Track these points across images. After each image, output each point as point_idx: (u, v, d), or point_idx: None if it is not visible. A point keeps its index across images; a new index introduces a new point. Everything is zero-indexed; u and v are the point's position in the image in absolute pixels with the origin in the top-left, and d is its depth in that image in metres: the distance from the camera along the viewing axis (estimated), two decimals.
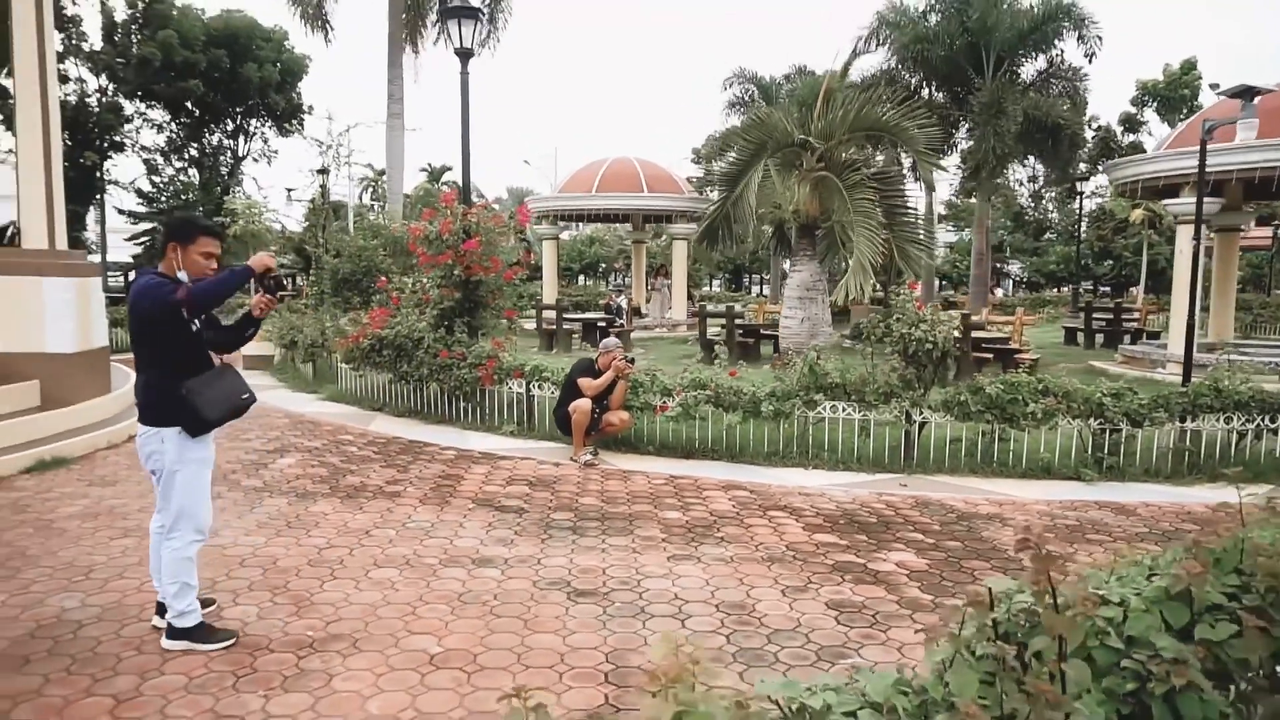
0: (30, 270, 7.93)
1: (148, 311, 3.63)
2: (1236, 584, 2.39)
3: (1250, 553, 2.43)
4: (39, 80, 7.92)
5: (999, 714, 1.85)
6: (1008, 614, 2.20)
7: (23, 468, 6.79)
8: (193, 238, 3.72)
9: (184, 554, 3.75)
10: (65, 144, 27.01)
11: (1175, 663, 2.05)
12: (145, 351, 3.75)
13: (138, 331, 3.72)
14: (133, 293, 3.70)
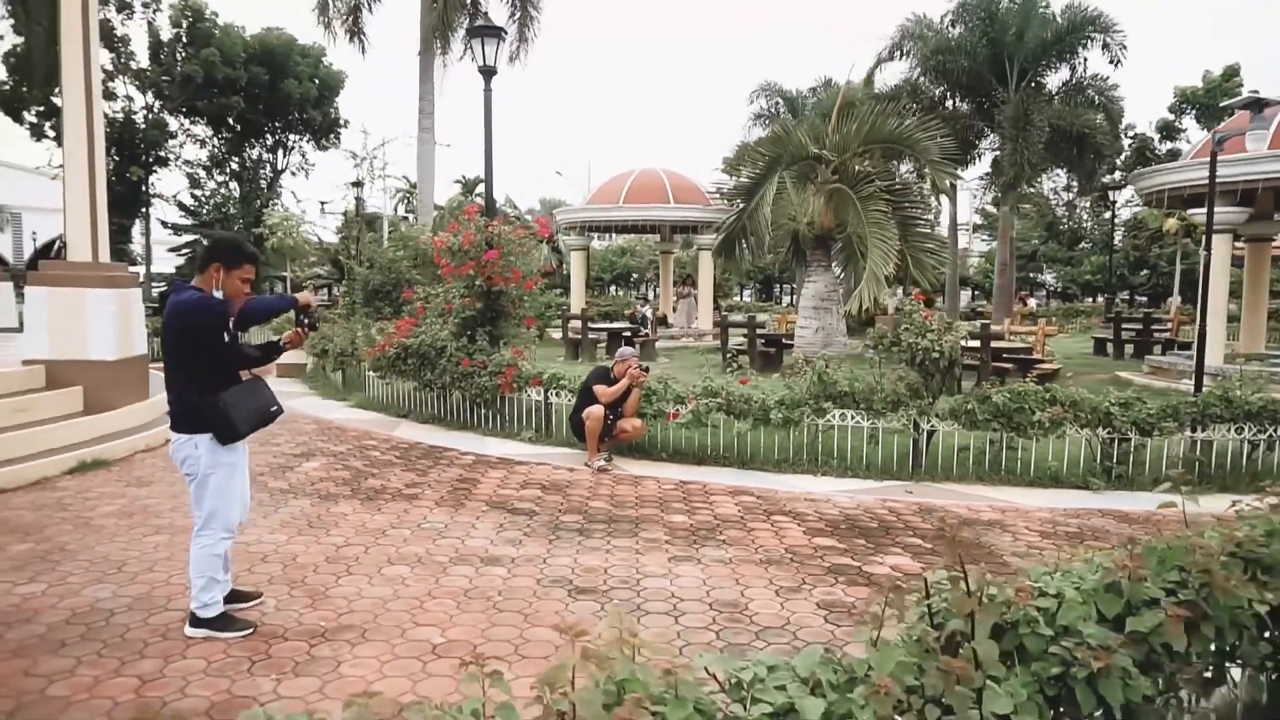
0: (75, 282, 8.35)
1: (194, 323, 3.82)
2: (1176, 580, 2.53)
3: (1190, 551, 2.57)
4: (85, 104, 8.36)
5: (919, 691, 2.01)
6: (944, 601, 2.37)
7: (66, 469, 7.15)
8: (238, 263, 3.95)
9: (213, 550, 4.00)
10: (113, 160, 28.18)
11: (1099, 649, 2.19)
12: (180, 362, 3.93)
13: (176, 343, 3.89)
14: (174, 305, 3.86)
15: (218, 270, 3.90)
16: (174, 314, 3.85)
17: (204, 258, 4.02)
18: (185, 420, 3.95)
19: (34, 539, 5.42)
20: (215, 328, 3.86)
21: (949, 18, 19.35)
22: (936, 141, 9.34)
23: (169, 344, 3.93)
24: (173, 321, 3.86)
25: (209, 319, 3.83)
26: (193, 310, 3.81)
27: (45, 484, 6.80)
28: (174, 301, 3.89)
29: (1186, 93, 33.46)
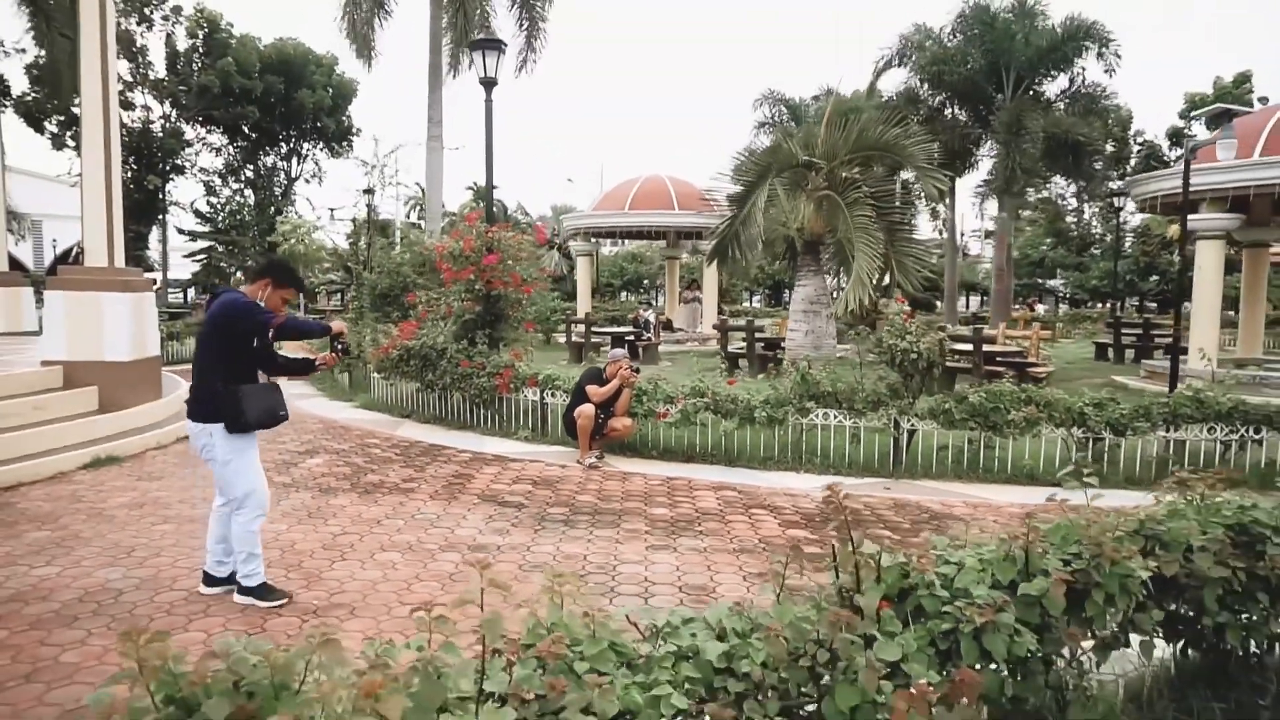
0: (91, 286, 8.72)
1: (239, 323, 4.26)
2: (1074, 552, 2.80)
3: (1087, 527, 2.85)
4: (102, 115, 8.74)
5: (815, 639, 2.28)
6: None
7: (81, 464, 7.50)
8: (286, 285, 4.49)
9: (249, 528, 4.40)
10: (130, 168, 28.78)
11: (985, 607, 2.46)
12: (215, 353, 4.31)
13: (215, 339, 4.30)
14: (225, 303, 4.30)
15: (266, 285, 4.41)
16: (223, 310, 4.28)
17: (258, 271, 4.55)
18: (201, 408, 4.33)
19: (50, 527, 5.76)
20: (255, 331, 4.32)
21: (948, 28, 19.63)
22: (924, 148, 9.59)
23: (209, 335, 4.33)
24: (219, 316, 4.28)
25: (252, 323, 4.29)
26: (241, 311, 4.27)
27: (62, 478, 7.15)
28: (225, 300, 4.33)
29: (1196, 99, 33.47)
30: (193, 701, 1.60)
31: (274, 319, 4.34)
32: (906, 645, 2.39)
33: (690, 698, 2.03)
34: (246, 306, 4.29)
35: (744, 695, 2.11)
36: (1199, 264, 12.96)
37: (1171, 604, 3.17)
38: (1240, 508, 3.26)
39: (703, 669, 2.11)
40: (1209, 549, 2.97)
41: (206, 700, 1.56)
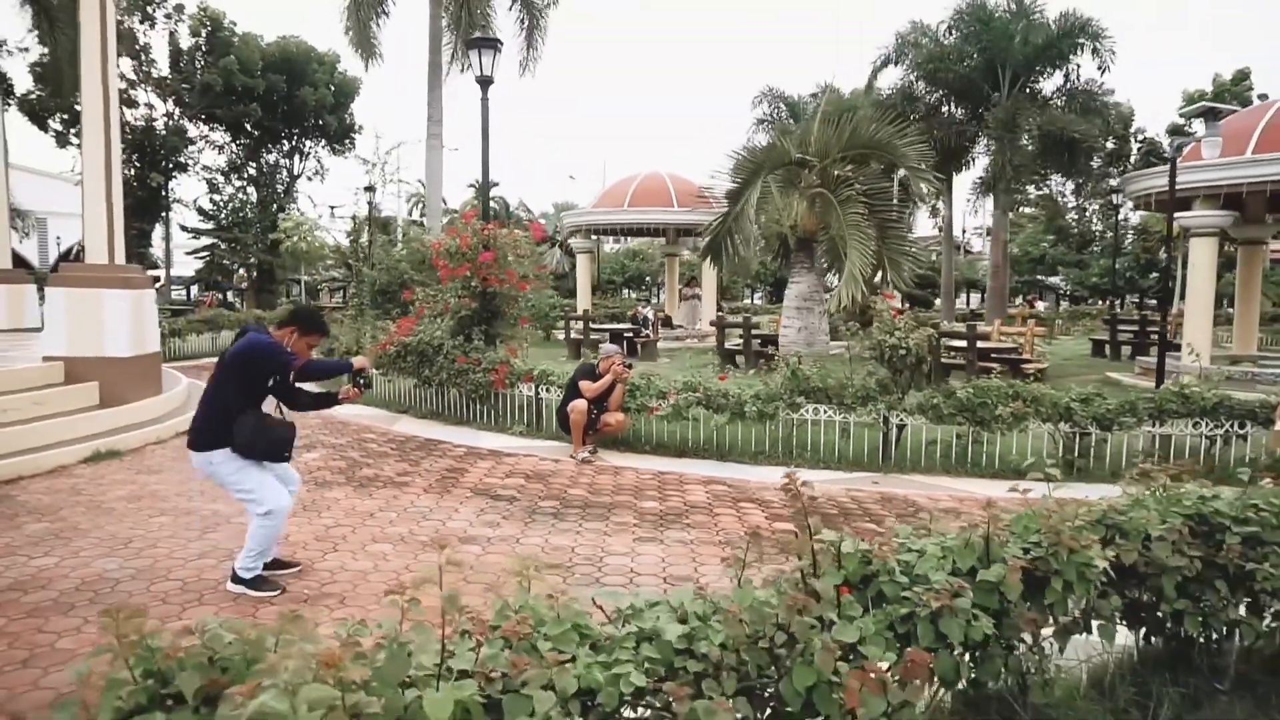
0: (92, 283, 8.83)
1: (260, 361, 4.45)
2: (1035, 541, 2.89)
3: (1047, 517, 2.94)
4: (103, 113, 8.84)
5: (774, 622, 2.37)
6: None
7: (81, 458, 7.61)
8: (311, 333, 4.70)
9: (270, 532, 4.55)
10: (134, 166, 28.90)
11: (941, 592, 2.55)
12: (234, 384, 4.46)
13: (235, 374, 4.45)
14: (252, 341, 4.47)
15: (293, 332, 4.60)
16: (247, 348, 4.45)
17: (286, 318, 4.70)
18: (201, 438, 4.48)
19: (49, 519, 5.87)
20: (276, 371, 4.53)
21: (945, 25, 19.67)
22: (915, 147, 9.66)
23: (229, 370, 4.48)
24: (243, 354, 4.45)
25: (275, 363, 4.48)
26: (266, 351, 4.44)
27: (62, 471, 7.26)
28: (253, 338, 4.50)
29: (1195, 96, 33.43)
30: (169, 674, 1.70)
31: (296, 361, 4.54)
32: (865, 628, 2.48)
33: (650, 677, 2.12)
34: (271, 347, 4.46)
35: (702, 675, 2.20)
36: (1192, 261, 13.01)
37: (1133, 591, 3.26)
38: (1200, 498, 3.35)
39: (663, 650, 2.20)
40: (1166, 538, 3.06)
41: (180, 673, 1.66)
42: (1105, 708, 3.11)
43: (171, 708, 1.67)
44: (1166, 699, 3.11)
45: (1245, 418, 7.46)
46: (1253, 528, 3.26)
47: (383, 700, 1.79)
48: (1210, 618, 3.19)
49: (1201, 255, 12.91)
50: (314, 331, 4.72)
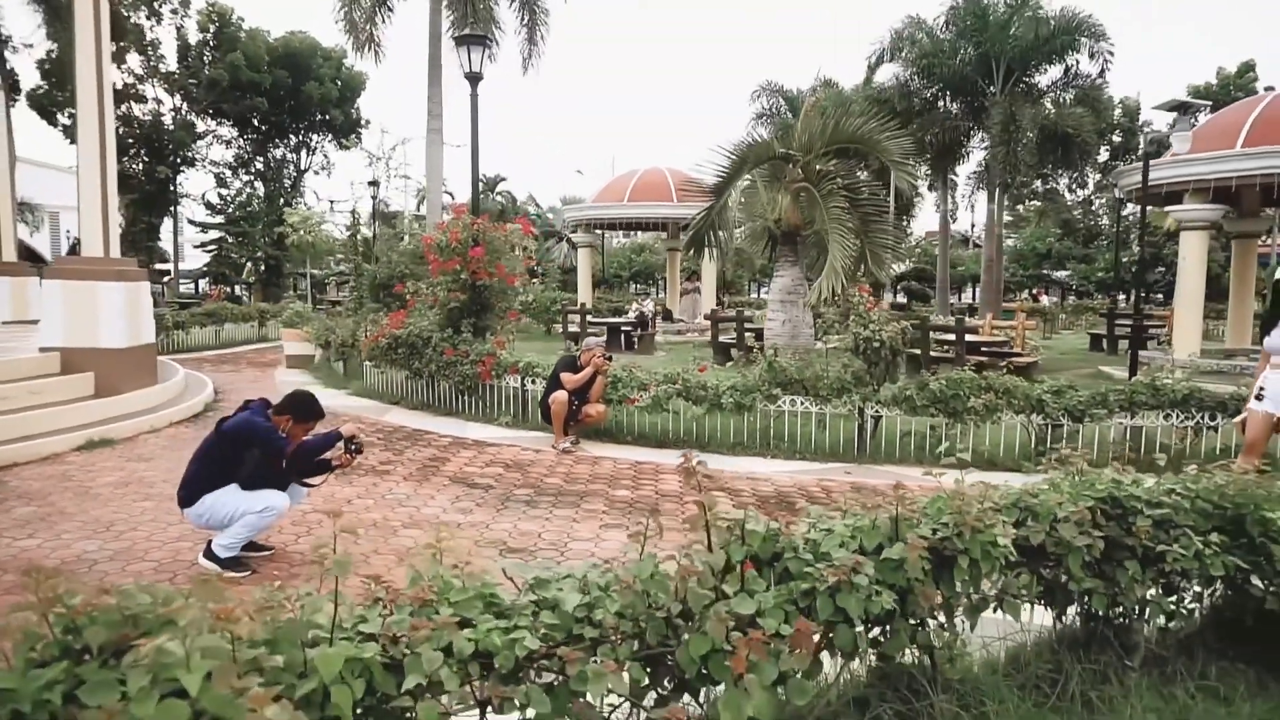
0: (87, 276, 9.04)
1: (253, 442, 4.65)
2: (944, 521, 3.03)
3: (956, 498, 3.08)
4: (97, 111, 9.04)
5: (674, 595, 2.52)
6: None
7: (74, 446, 7.82)
8: (306, 420, 4.93)
9: (262, 523, 4.77)
10: (142, 160, 29.20)
11: (839, 568, 2.69)
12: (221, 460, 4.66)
13: (230, 446, 4.66)
14: (243, 422, 4.67)
15: (288, 420, 4.83)
16: (242, 427, 4.67)
17: (283, 406, 4.88)
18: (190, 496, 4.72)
19: (37, 504, 6.07)
20: (268, 455, 4.73)
21: (941, 19, 19.69)
22: (897, 142, 9.74)
23: (219, 444, 4.69)
24: (236, 431, 4.67)
25: (268, 448, 4.70)
26: (261, 436, 4.67)
27: (55, 459, 7.47)
28: (246, 419, 4.71)
29: (1199, 90, 33.26)
30: (85, 629, 1.85)
31: (289, 446, 4.79)
32: (764, 602, 2.62)
33: (547, 642, 2.27)
34: (266, 432, 4.67)
35: (599, 641, 2.35)
36: (1183, 254, 13.05)
37: (1047, 572, 3.39)
38: (1114, 482, 3.47)
39: (562, 617, 2.35)
40: (1070, 519, 3.18)
41: (90, 627, 1.82)
42: (1015, 682, 3.24)
43: (84, 660, 1.83)
44: (1075, 674, 3.24)
45: (1215, 409, 7.54)
46: (1165, 510, 3.38)
47: (284, 658, 1.95)
48: (1121, 597, 3.31)
49: (1192, 249, 12.95)
50: (309, 419, 4.93)
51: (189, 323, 18.19)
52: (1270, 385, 5.68)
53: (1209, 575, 3.42)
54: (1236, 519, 3.52)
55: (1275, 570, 3.40)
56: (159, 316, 17.39)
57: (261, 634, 2.01)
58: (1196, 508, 3.53)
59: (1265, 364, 5.85)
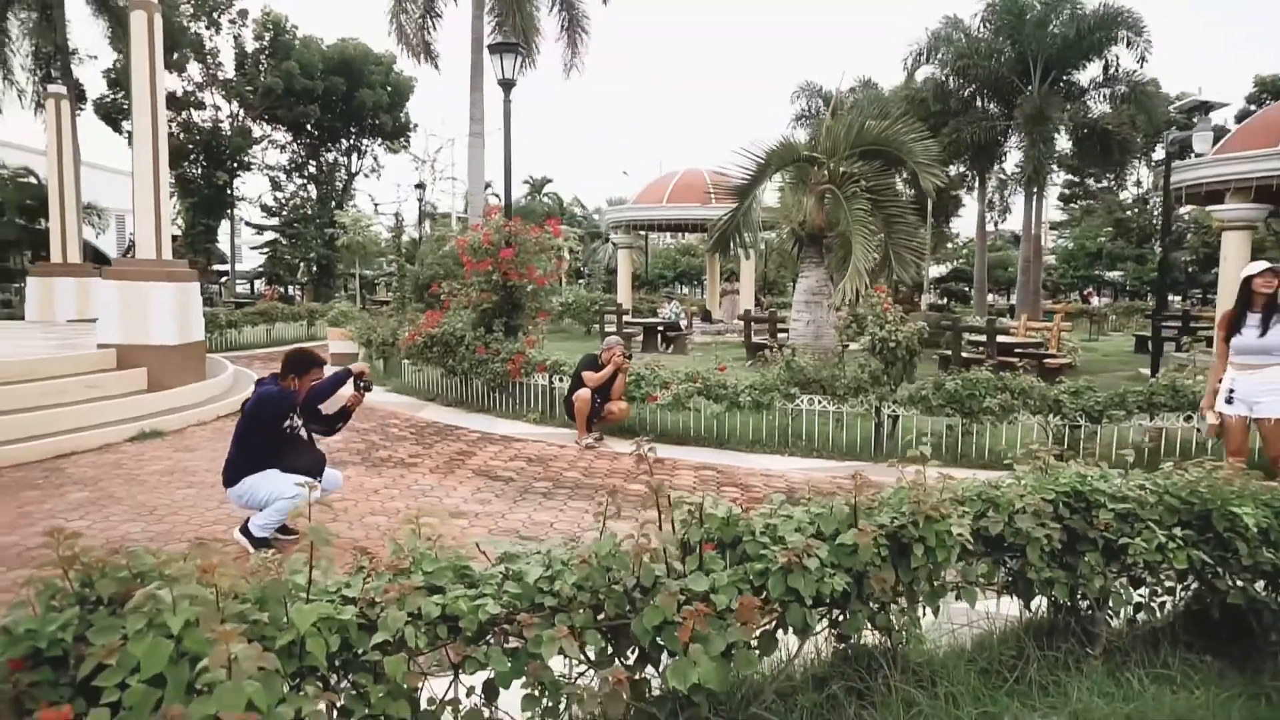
0: (140, 277, 9.58)
1: (266, 408, 5.02)
2: (901, 512, 3.21)
3: (914, 489, 3.26)
4: (151, 122, 9.56)
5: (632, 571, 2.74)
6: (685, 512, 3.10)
7: (126, 437, 8.33)
8: (307, 370, 5.25)
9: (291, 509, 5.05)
10: (201, 165, 30.29)
11: (790, 550, 2.89)
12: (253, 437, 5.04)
13: (253, 421, 5.04)
14: (256, 396, 5.06)
15: (292, 379, 5.19)
16: (257, 399, 5.07)
17: (283, 369, 5.25)
18: (231, 476, 5.11)
19: (90, 489, 6.53)
20: (286, 411, 5.11)
21: (979, 18, 19.51)
22: (921, 144, 9.78)
23: (248, 418, 5.10)
24: (255, 405, 5.07)
25: (282, 406, 5.08)
26: (271, 399, 5.04)
27: (108, 448, 7.97)
28: (260, 391, 5.12)
29: (1266, 81, 32.22)
30: (97, 582, 2.15)
31: (298, 398, 5.14)
32: (718, 580, 2.83)
33: (508, 608, 2.52)
34: (274, 394, 5.05)
35: (558, 609, 2.58)
36: (1224, 254, 12.79)
37: (1015, 562, 3.52)
38: (1080, 476, 3.59)
39: (525, 588, 2.59)
40: (1027, 510, 3.32)
41: (100, 580, 2.11)
42: (977, 667, 3.38)
43: (95, 609, 2.12)
44: (1035, 660, 3.38)
45: None
46: (1128, 504, 3.49)
47: (269, 613, 2.23)
48: (1083, 587, 3.43)
49: (1234, 249, 12.68)
50: (306, 370, 5.25)
51: (241, 321, 18.90)
52: (1240, 387, 5.64)
53: (1180, 570, 3.52)
54: (1204, 514, 3.61)
55: (1241, 565, 3.49)
56: (213, 315, 18.18)
57: (251, 593, 2.29)
58: (1164, 502, 3.62)
59: (1223, 365, 5.80)
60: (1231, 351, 5.68)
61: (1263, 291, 5.57)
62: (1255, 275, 5.62)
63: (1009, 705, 3.08)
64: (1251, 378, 5.56)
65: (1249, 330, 5.58)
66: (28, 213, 24.55)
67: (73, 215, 15.23)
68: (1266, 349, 5.51)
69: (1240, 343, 5.62)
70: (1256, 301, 5.59)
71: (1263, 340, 5.53)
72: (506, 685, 2.48)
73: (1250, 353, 5.58)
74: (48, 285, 15.45)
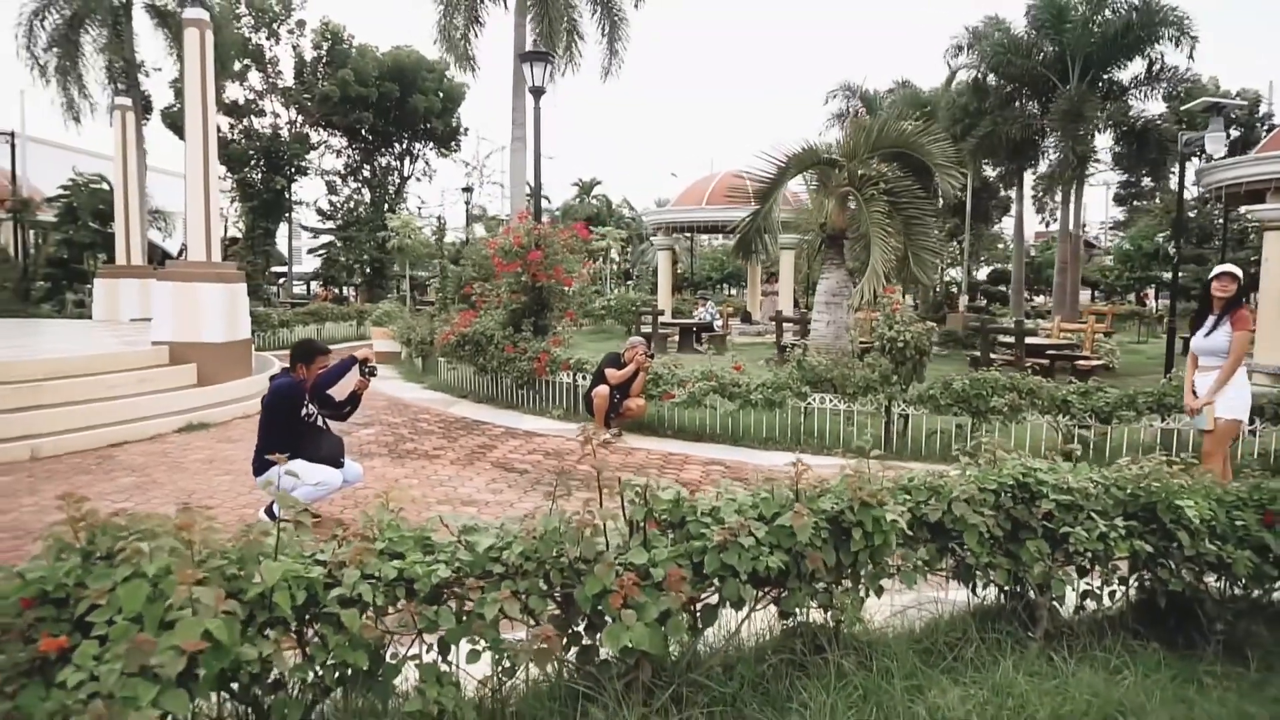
0: (192, 278, 10.18)
1: (281, 401, 5.43)
2: (842, 498, 3.45)
3: (855, 477, 3.49)
4: (202, 135, 10.17)
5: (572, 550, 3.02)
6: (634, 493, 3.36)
7: (175, 428, 8.90)
8: (313, 359, 5.63)
9: (316, 495, 5.53)
10: (261, 171, 31.47)
11: (725, 528, 3.14)
12: (273, 428, 5.45)
13: (271, 413, 5.45)
14: (270, 390, 5.47)
15: (300, 368, 5.60)
16: (270, 393, 5.49)
17: (291, 361, 5.67)
18: (257, 467, 5.57)
19: (138, 475, 7.06)
20: (299, 400, 5.49)
21: (1019, 17, 19.29)
22: (939, 144, 9.82)
23: (265, 410, 5.52)
24: (270, 398, 5.49)
25: (294, 396, 5.47)
26: (283, 391, 5.44)
27: (158, 439, 8.54)
28: (273, 384, 5.54)
29: None
30: (97, 538, 2.52)
31: (307, 384, 5.53)
32: (657, 552, 3.10)
33: (457, 573, 2.82)
34: (285, 385, 5.44)
35: (504, 576, 2.88)
36: (1266, 255, 12.50)
37: (963, 549, 3.70)
38: (1024, 468, 3.76)
39: (476, 556, 2.89)
40: (961, 497, 3.51)
41: (100, 536, 2.48)
42: (921, 647, 3.58)
43: (97, 562, 2.49)
44: (975, 641, 3.56)
45: (1252, 414, 7.45)
46: (1070, 496, 3.65)
47: (244, 570, 2.57)
48: (1024, 573, 3.61)
49: (1275, 249, 12.40)
50: (312, 358, 5.62)
51: (293, 321, 19.68)
52: (1199, 387, 5.70)
53: (1126, 559, 3.67)
54: (1150, 506, 3.75)
55: (1184, 555, 3.63)
56: (267, 315, 19.00)
57: (233, 553, 2.64)
58: (1111, 495, 3.78)
59: (1194, 364, 5.85)
60: (1192, 352, 5.82)
61: (1219, 295, 5.66)
62: (1213, 279, 5.73)
63: (938, 680, 3.28)
64: (1204, 378, 5.67)
65: (1203, 331, 5.71)
66: (100, 217, 25.84)
67: (136, 220, 16.10)
68: (1212, 350, 5.62)
69: (1195, 343, 5.74)
70: (1215, 304, 5.69)
71: (1207, 341, 5.64)
72: (455, 642, 2.79)
73: (1203, 353, 5.70)
74: (113, 286, 16.37)
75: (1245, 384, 5.72)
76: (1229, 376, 5.52)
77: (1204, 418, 5.52)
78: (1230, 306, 5.60)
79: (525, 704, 3.03)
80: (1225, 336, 5.54)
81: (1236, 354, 5.51)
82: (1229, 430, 5.66)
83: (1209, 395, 5.52)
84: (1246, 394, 5.70)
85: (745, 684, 3.26)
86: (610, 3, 21.31)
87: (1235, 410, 5.58)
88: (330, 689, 2.71)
